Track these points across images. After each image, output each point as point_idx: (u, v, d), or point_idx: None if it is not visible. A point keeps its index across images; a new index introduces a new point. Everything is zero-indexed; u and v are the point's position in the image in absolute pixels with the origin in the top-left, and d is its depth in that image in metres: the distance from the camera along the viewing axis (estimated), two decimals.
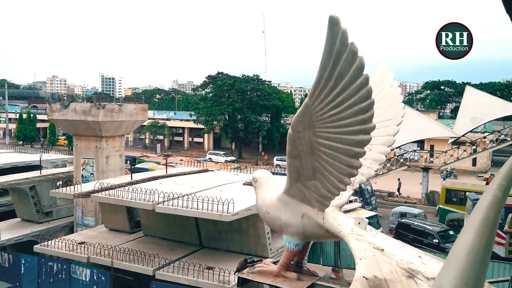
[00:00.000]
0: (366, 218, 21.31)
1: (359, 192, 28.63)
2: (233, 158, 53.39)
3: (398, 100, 6.17)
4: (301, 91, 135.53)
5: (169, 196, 13.47)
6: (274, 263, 5.89)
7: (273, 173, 6.64)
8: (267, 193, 5.64)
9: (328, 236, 5.41)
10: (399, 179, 35.93)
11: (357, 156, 4.39)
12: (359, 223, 5.23)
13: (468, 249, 0.99)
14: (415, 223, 23.17)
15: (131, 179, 17.60)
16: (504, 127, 37.72)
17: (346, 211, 23.19)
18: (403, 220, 24.21)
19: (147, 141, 69.40)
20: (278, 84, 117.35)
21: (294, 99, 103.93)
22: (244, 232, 15.13)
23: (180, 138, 69.95)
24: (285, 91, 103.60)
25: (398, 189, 36.13)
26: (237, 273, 5.98)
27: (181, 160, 26.95)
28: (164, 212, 13.67)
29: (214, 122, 57.07)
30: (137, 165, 22.45)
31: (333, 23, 3.89)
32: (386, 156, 6.08)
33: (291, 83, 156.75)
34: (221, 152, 55.59)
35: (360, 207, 26.22)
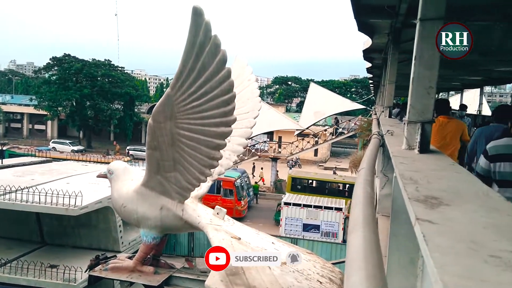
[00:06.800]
0: None
1: None
2: (81, 147, 49.77)
3: (255, 94, 6.41)
4: (155, 79, 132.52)
5: (5, 189, 12.09)
6: (130, 258, 5.67)
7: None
8: (123, 185, 5.40)
9: (187, 228, 5.40)
10: (254, 163, 37.30)
11: (218, 147, 4.46)
12: (217, 213, 5.32)
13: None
14: None
15: None
16: (341, 121, 42.01)
17: None
18: None
19: None
20: (132, 71, 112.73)
21: (149, 87, 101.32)
22: (93, 226, 14.35)
23: (19, 125, 62.67)
24: (139, 78, 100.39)
25: (252, 173, 37.38)
26: (88, 271, 5.60)
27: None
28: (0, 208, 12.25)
29: (59, 108, 52.38)
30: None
31: (197, 14, 3.84)
32: (244, 148, 6.29)
33: (145, 70, 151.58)
34: (67, 141, 51.33)
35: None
